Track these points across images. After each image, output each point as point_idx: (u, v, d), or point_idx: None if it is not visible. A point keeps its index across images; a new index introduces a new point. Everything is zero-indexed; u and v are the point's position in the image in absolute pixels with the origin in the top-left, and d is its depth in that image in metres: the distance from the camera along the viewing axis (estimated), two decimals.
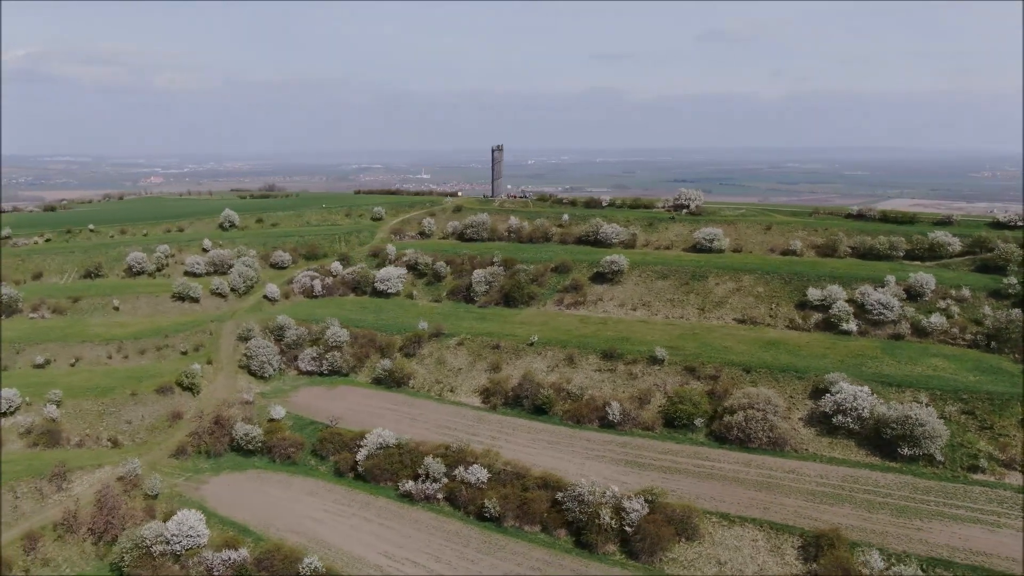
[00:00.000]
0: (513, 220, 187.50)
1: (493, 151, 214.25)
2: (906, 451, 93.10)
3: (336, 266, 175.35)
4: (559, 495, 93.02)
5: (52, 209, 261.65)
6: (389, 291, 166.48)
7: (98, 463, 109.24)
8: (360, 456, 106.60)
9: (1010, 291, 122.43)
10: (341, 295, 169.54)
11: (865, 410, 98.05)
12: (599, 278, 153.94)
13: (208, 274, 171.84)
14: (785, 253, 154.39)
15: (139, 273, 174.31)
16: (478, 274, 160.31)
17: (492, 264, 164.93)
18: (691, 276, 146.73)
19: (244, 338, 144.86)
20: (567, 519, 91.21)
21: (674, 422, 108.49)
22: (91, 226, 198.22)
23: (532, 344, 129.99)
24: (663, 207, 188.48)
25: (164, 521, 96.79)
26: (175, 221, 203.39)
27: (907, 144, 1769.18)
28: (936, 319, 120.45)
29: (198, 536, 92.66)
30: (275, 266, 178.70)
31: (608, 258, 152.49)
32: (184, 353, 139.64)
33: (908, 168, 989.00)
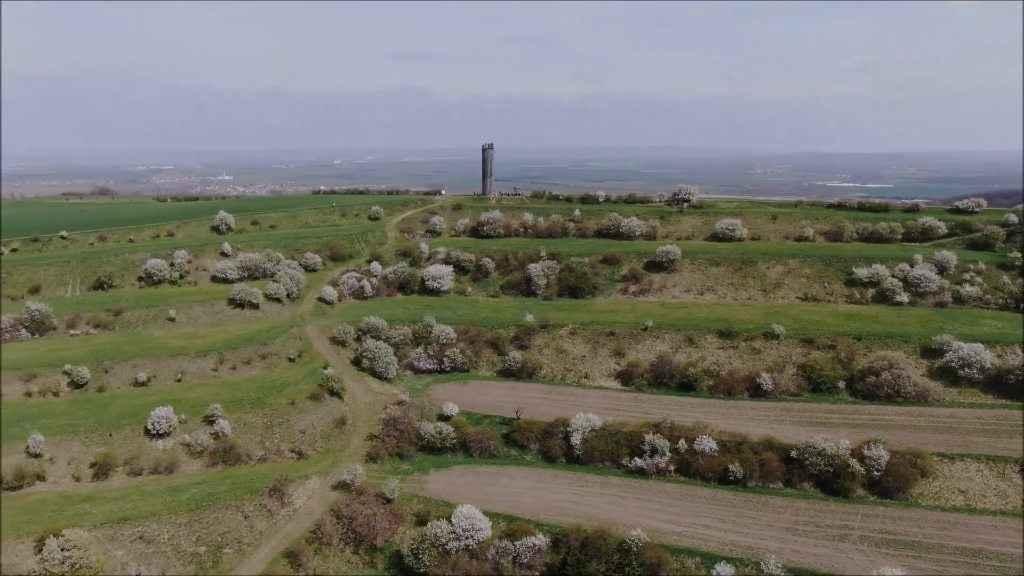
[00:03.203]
0: (527, 216, 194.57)
1: (484, 149, 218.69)
2: None
3: (375, 266, 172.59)
4: (793, 452, 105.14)
5: None
6: (441, 289, 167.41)
7: (303, 475, 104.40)
8: (575, 440, 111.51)
9: (1016, 263, 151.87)
10: (388, 295, 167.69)
11: (987, 362, 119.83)
12: (652, 267, 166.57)
13: (241, 279, 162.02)
14: (799, 239, 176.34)
15: (159, 281, 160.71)
16: (535, 268, 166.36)
17: (541, 258, 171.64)
18: (742, 262, 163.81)
19: (339, 341, 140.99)
20: (809, 472, 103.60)
21: (819, 386, 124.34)
22: (63, 233, 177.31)
23: (646, 329, 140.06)
24: (659, 201, 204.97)
25: (419, 523, 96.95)
26: (161, 225, 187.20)
27: (694, 144, 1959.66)
28: (970, 288, 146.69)
29: (483, 529, 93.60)
30: (305, 268, 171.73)
31: (663, 248, 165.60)
32: (292, 360, 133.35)
33: (695, 166, 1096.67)
